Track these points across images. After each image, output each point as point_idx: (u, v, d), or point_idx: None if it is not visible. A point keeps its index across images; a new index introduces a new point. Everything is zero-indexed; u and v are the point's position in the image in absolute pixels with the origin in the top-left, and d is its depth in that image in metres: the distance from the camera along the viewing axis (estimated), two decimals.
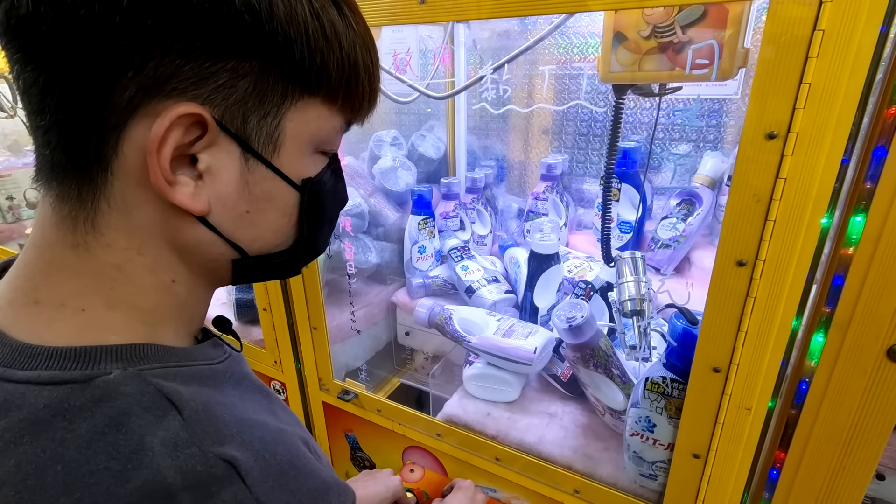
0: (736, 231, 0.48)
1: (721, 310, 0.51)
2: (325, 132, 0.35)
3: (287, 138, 0.33)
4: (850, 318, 0.46)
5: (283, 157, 0.34)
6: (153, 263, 0.33)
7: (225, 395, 0.35)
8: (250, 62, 0.30)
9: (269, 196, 0.34)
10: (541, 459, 0.74)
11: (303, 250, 0.39)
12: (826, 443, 0.51)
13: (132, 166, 0.29)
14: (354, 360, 1.08)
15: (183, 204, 0.30)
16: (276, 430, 0.35)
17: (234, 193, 0.32)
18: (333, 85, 0.33)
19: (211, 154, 0.31)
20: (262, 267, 0.37)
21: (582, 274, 0.94)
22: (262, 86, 0.31)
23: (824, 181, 0.44)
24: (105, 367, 0.29)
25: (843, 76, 0.40)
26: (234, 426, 0.32)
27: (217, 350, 0.38)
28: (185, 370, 0.33)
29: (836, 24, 0.39)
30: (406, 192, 1.13)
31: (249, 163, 0.32)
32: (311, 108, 0.33)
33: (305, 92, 0.32)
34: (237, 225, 0.34)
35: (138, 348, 0.31)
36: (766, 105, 0.43)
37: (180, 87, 0.28)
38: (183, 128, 0.29)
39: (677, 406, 0.59)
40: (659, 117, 1.00)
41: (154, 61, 0.27)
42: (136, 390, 0.29)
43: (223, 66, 0.29)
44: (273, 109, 0.32)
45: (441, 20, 0.59)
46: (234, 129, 0.31)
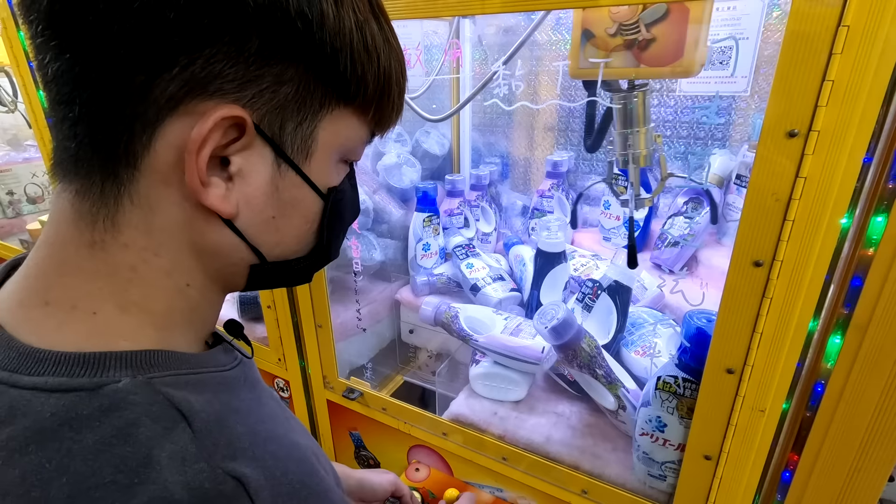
0: (753, 231, 0.47)
1: (736, 310, 0.50)
2: (353, 142, 0.36)
3: (319, 146, 0.33)
4: (868, 320, 0.45)
5: (313, 164, 0.34)
6: (170, 266, 0.32)
7: (241, 400, 0.34)
8: (296, 68, 0.30)
9: (295, 202, 0.34)
10: (548, 459, 0.74)
11: (318, 257, 0.38)
12: (841, 445, 0.50)
13: (162, 164, 0.29)
14: (359, 357, 1.08)
15: (214, 206, 0.30)
16: (289, 445, 0.34)
17: (262, 197, 0.32)
18: (368, 96, 0.33)
19: (244, 157, 0.30)
20: (278, 273, 0.37)
21: (588, 272, 0.93)
22: (303, 92, 0.31)
23: (845, 181, 0.43)
24: (114, 375, 0.29)
25: (868, 73, 0.39)
26: (246, 439, 0.31)
27: (228, 356, 0.37)
28: (197, 377, 0.32)
29: (861, 20, 0.38)
30: (410, 189, 1.13)
31: (281, 168, 0.32)
32: (344, 118, 0.34)
33: (341, 101, 0.33)
34: (262, 229, 0.34)
35: (149, 354, 0.30)
36: (787, 102, 0.42)
37: (224, 88, 0.28)
38: (222, 130, 0.29)
39: (689, 406, 0.59)
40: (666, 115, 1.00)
41: (202, 60, 0.27)
42: (146, 400, 0.28)
43: (269, 71, 0.29)
44: (309, 116, 0.32)
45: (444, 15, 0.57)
46: (270, 133, 0.31)
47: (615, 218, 1.02)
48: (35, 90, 1.14)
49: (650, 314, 0.81)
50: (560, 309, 0.69)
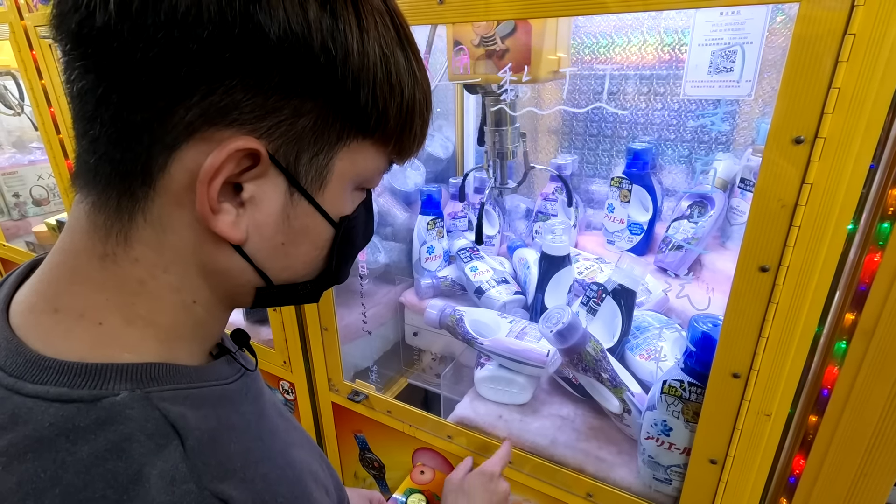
0: (759, 236, 0.47)
1: (742, 315, 0.51)
2: (371, 172, 0.35)
3: (335, 177, 0.33)
4: (874, 326, 0.45)
5: (326, 194, 0.34)
6: (178, 283, 0.32)
7: (240, 414, 0.34)
8: (315, 101, 0.30)
9: (306, 230, 0.34)
10: (552, 462, 0.74)
11: (326, 281, 0.39)
12: (847, 450, 0.50)
13: (177, 187, 0.29)
14: (363, 360, 1.08)
15: (223, 233, 0.30)
16: (284, 465, 0.34)
17: (273, 225, 0.32)
18: (389, 130, 0.33)
19: (258, 185, 0.31)
20: (284, 295, 0.37)
21: (592, 275, 0.94)
22: (321, 125, 0.30)
23: (851, 187, 0.43)
24: (113, 388, 0.29)
25: (874, 81, 0.40)
26: (238, 459, 0.31)
27: (230, 368, 0.38)
28: (197, 392, 0.33)
29: (867, 28, 0.39)
30: (415, 192, 1.13)
31: (294, 197, 0.32)
32: (363, 150, 0.33)
33: (360, 134, 0.32)
34: (270, 255, 0.34)
35: (150, 368, 0.31)
36: (793, 109, 0.43)
37: (242, 119, 0.28)
38: (237, 160, 0.29)
39: (695, 410, 0.59)
40: (670, 119, 1.00)
41: (221, 90, 0.27)
42: (141, 415, 0.29)
43: (287, 103, 0.29)
44: (326, 148, 0.32)
45: (459, 21, 0.58)
46: (285, 164, 0.31)
47: (619, 221, 1.03)
48: (41, 93, 1.15)
49: (655, 318, 0.82)
50: (566, 312, 0.69)
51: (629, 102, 1.02)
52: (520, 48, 0.65)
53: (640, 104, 1.01)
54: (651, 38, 0.94)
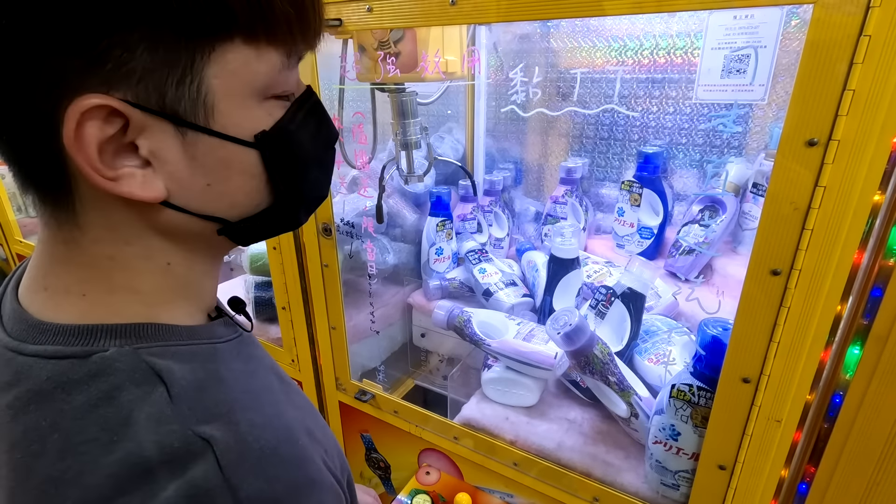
0: (771, 239, 0.47)
1: (753, 319, 0.50)
2: (264, 75, 0.31)
3: (219, 97, 0.30)
4: (888, 331, 0.45)
5: (221, 118, 0.31)
6: (144, 251, 0.33)
7: (230, 370, 0.35)
8: (132, 33, 0.27)
9: (224, 163, 0.32)
10: (559, 465, 0.73)
11: (291, 202, 0.36)
12: (859, 458, 0.49)
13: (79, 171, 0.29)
14: (370, 360, 1.08)
15: (133, 195, 0.30)
16: (272, 415, 0.35)
17: (186, 170, 0.31)
18: (242, 20, 0.29)
19: (147, 138, 0.29)
20: (255, 227, 0.36)
21: (601, 279, 0.93)
22: (160, 52, 0.27)
23: (865, 190, 0.43)
24: (103, 344, 0.31)
25: (890, 83, 0.39)
26: (224, 405, 0.32)
27: (227, 329, 0.39)
28: (185, 348, 0.34)
29: (883, 29, 0.38)
30: (424, 194, 1.13)
31: (188, 136, 0.30)
32: (233, 55, 0.29)
33: (215, 40, 0.29)
34: (204, 199, 0.33)
35: (137, 327, 0.32)
36: (806, 111, 0.42)
37: (75, 84, 0.27)
38: (99, 121, 0.27)
39: (703, 415, 0.58)
40: (682, 122, 0.99)
41: (44, 64, 0.26)
42: (129, 366, 0.30)
43: (110, 47, 0.26)
44: (188, 71, 0.29)
45: (472, 22, 0.58)
46: (154, 106, 0.28)
47: (629, 225, 1.02)
48: None
49: (664, 322, 0.81)
50: (573, 315, 0.69)
51: (640, 106, 1.01)
52: (408, 52, 0.73)
53: (651, 107, 1.01)
54: (663, 42, 0.94)
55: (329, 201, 0.82)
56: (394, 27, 0.68)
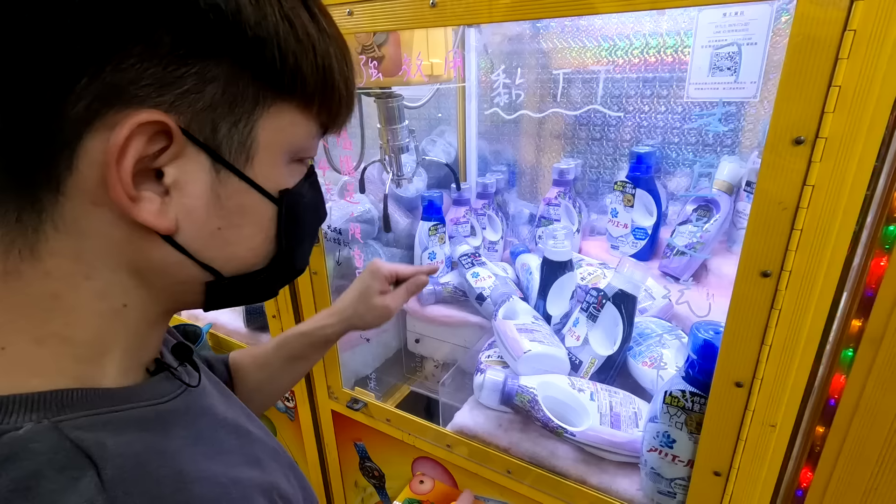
0: (760, 240, 0.46)
1: (744, 322, 0.49)
2: (301, 139, 0.33)
3: (261, 147, 0.31)
4: (882, 333, 0.44)
5: (257, 167, 0.31)
6: (103, 288, 0.30)
7: (171, 439, 0.31)
8: (219, 65, 0.28)
9: (243, 210, 0.32)
10: (554, 473, 0.72)
11: (281, 269, 0.36)
12: (856, 463, 0.48)
13: (89, 184, 0.27)
14: (363, 367, 1.07)
15: (147, 222, 0.28)
16: (227, 483, 0.31)
17: (204, 208, 0.30)
18: (309, 89, 0.32)
19: (178, 167, 0.28)
20: (238, 289, 0.35)
21: (595, 281, 0.92)
22: (232, 90, 0.29)
23: (855, 188, 0.41)
24: (16, 420, 0.26)
25: (876, 78, 0.38)
26: (168, 484, 0.28)
27: (170, 384, 0.35)
28: (120, 415, 0.30)
29: (868, 24, 0.37)
30: (416, 198, 1.12)
31: (221, 174, 0.30)
32: (286, 114, 0.32)
33: (279, 97, 0.31)
34: (209, 243, 0.31)
35: (61, 395, 0.28)
36: (793, 109, 0.41)
37: (141, 94, 0.26)
38: (145, 137, 0.27)
39: (698, 421, 0.57)
40: (674, 121, 0.98)
41: (111, 66, 0.25)
42: (48, 447, 0.26)
43: (189, 70, 0.27)
44: (244, 116, 0.30)
45: (452, 24, 0.57)
46: (202, 137, 0.29)
47: (623, 226, 1.01)
48: None
49: (658, 324, 0.80)
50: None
51: (631, 106, 1.00)
52: (392, 55, 0.72)
53: (642, 107, 1.00)
54: (653, 41, 0.93)
55: None
56: (375, 30, 0.67)
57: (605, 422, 0.70)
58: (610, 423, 0.70)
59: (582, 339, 0.79)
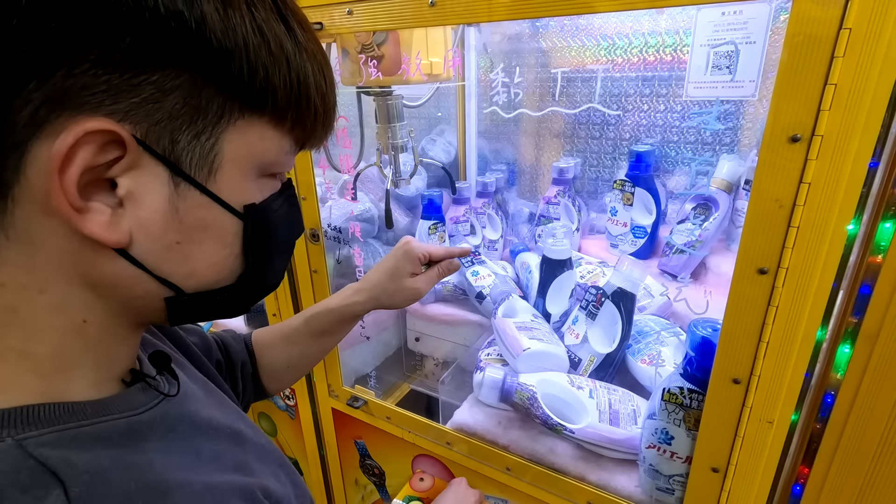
0: (757, 237, 0.46)
1: (741, 319, 0.49)
2: (272, 154, 0.32)
3: (226, 160, 0.30)
4: (878, 329, 0.44)
5: (221, 181, 0.30)
6: (59, 302, 0.28)
7: (143, 452, 0.30)
8: (180, 75, 0.26)
9: (204, 225, 0.30)
10: (553, 470, 0.73)
11: (250, 285, 0.35)
12: (853, 458, 0.48)
13: (38, 192, 0.26)
14: (364, 366, 1.08)
15: (95, 234, 0.27)
16: (201, 490, 0.31)
17: (160, 222, 0.29)
18: (281, 104, 0.30)
19: (132, 178, 0.27)
20: (202, 305, 0.33)
21: (595, 279, 0.92)
22: (194, 102, 0.27)
23: (851, 186, 0.42)
24: None
25: (872, 76, 0.38)
26: (139, 496, 0.28)
27: (146, 395, 0.34)
28: (89, 430, 0.29)
29: (863, 21, 0.37)
30: (416, 197, 1.13)
31: (180, 188, 0.29)
32: (255, 128, 0.30)
33: (247, 110, 0.29)
34: (166, 258, 0.30)
35: (25, 411, 0.27)
36: (789, 107, 0.41)
37: (94, 101, 0.25)
38: (95, 146, 0.25)
39: (696, 418, 0.58)
40: (673, 120, 0.99)
41: (62, 71, 0.24)
42: (11, 467, 0.25)
43: (147, 79, 0.25)
44: (208, 128, 0.28)
45: (451, 23, 0.58)
46: (160, 149, 0.27)
47: (622, 225, 1.01)
48: None
49: (656, 322, 0.80)
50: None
51: (630, 104, 1.01)
52: (391, 54, 0.72)
53: (642, 106, 1.00)
54: (653, 40, 0.93)
55: (316, 207, 0.81)
56: (374, 30, 0.68)
57: (603, 419, 0.70)
58: (609, 420, 0.70)
59: (581, 337, 0.80)
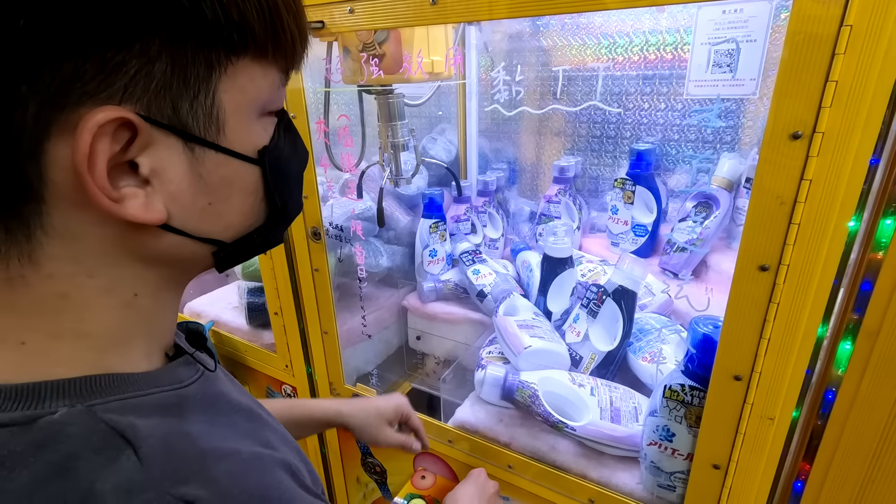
0: (758, 234, 0.46)
1: (742, 316, 0.49)
2: (265, 91, 0.32)
3: (228, 112, 0.30)
4: (879, 326, 0.44)
5: (230, 134, 0.30)
6: (108, 284, 0.30)
7: (191, 423, 0.32)
8: (159, 39, 0.26)
9: (227, 181, 0.31)
10: (554, 468, 0.73)
11: (278, 220, 0.36)
12: (854, 455, 0.49)
13: (66, 190, 0.26)
14: (365, 364, 1.08)
15: (136, 217, 0.28)
16: (249, 458, 0.32)
17: (188, 190, 0.29)
18: (259, 38, 0.29)
19: (150, 155, 0.28)
20: (243, 249, 0.35)
21: (595, 278, 0.92)
22: (180, 63, 0.27)
23: (852, 183, 0.42)
24: (49, 406, 0.26)
25: (873, 73, 0.38)
26: (197, 462, 0.29)
27: (189, 369, 0.35)
28: (146, 399, 0.30)
29: (864, 18, 0.37)
30: (417, 196, 1.13)
31: (196, 152, 0.29)
32: (243, 72, 0.30)
33: (232, 55, 0.29)
34: (203, 220, 0.31)
35: (89, 380, 0.28)
36: (790, 104, 0.42)
37: (89, 90, 0.25)
38: (109, 136, 0.26)
39: (697, 415, 0.58)
40: (674, 118, 0.99)
41: (46, 67, 0.24)
42: (84, 430, 0.26)
43: (129, 54, 0.25)
44: (202, 86, 0.28)
45: (453, 21, 0.58)
46: (165, 120, 0.27)
47: (623, 223, 1.01)
48: None
49: (657, 319, 0.80)
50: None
51: (631, 103, 1.01)
52: (392, 53, 0.72)
53: (642, 104, 1.00)
54: (653, 38, 0.93)
55: (317, 205, 0.81)
56: (376, 28, 0.68)
57: (605, 416, 0.71)
58: (610, 417, 0.70)
59: (582, 335, 0.80)
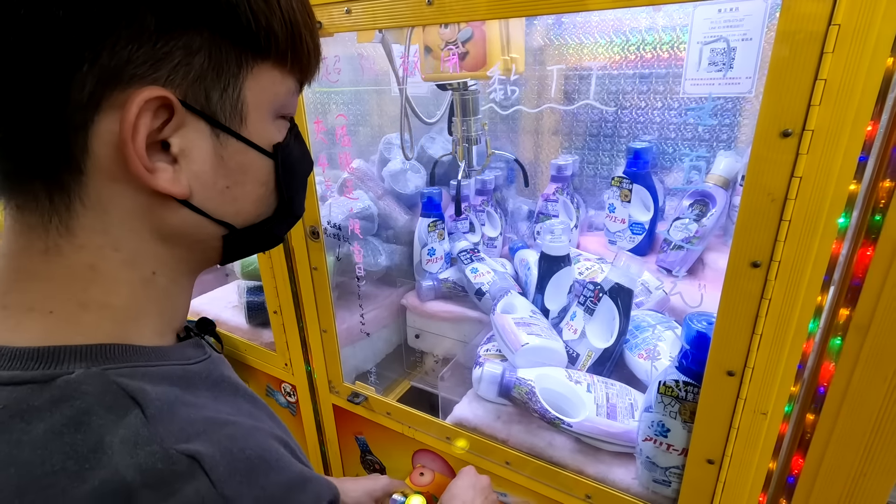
0: (750, 231, 0.47)
1: (735, 312, 0.50)
2: (283, 96, 0.36)
3: (250, 108, 0.34)
4: (869, 321, 0.45)
5: (251, 126, 0.34)
6: (131, 258, 0.33)
7: (196, 395, 0.34)
8: (201, 35, 0.30)
9: (244, 168, 0.35)
10: (551, 464, 0.73)
11: (284, 215, 0.40)
12: (845, 449, 0.49)
13: (105, 162, 0.30)
14: (364, 362, 1.08)
15: (166, 189, 0.31)
16: (249, 427, 0.34)
17: (210, 171, 0.33)
18: (281, 46, 0.34)
19: (181, 136, 0.31)
20: (250, 238, 0.38)
21: (593, 276, 0.93)
22: (216, 58, 0.31)
23: (841, 180, 0.42)
24: (67, 367, 0.29)
25: (861, 71, 0.39)
26: (200, 424, 0.31)
27: (197, 350, 0.38)
28: (155, 370, 0.33)
29: (852, 18, 0.38)
30: (416, 195, 1.13)
31: (220, 138, 0.33)
32: (266, 74, 0.34)
33: (258, 57, 0.33)
34: (220, 202, 0.34)
35: (105, 348, 0.31)
36: (780, 102, 0.42)
37: (139, 73, 0.28)
38: (151, 112, 0.29)
39: (692, 410, 0.58)
40: (671, 117, 0.99)
41: (106, 51, 0.27)
42: (98, 389, 0.29)
43: (175, 45, 0.29)
44: (231, 80, 0.32)
45: (450, 21, 0.58)
46: (198, 106, 0.31)
47: (620, 221, 1.02)
48: None
49: (653, 316, 0.81)
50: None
51: (628, 102, 1.01)
52: (476, 51, 0.76)
53: (639, 103, 1.00)
54: (650, 37, 0.94)
55: (316, 204, 0.82)
56: (372, 28, 0.68)
57: (601, 413, 0.71)
58: (606, 414, 0.71)
59: (579, 333, 0.81)
